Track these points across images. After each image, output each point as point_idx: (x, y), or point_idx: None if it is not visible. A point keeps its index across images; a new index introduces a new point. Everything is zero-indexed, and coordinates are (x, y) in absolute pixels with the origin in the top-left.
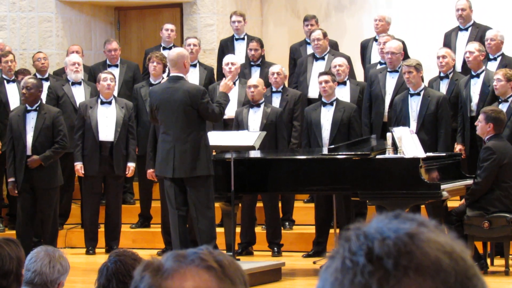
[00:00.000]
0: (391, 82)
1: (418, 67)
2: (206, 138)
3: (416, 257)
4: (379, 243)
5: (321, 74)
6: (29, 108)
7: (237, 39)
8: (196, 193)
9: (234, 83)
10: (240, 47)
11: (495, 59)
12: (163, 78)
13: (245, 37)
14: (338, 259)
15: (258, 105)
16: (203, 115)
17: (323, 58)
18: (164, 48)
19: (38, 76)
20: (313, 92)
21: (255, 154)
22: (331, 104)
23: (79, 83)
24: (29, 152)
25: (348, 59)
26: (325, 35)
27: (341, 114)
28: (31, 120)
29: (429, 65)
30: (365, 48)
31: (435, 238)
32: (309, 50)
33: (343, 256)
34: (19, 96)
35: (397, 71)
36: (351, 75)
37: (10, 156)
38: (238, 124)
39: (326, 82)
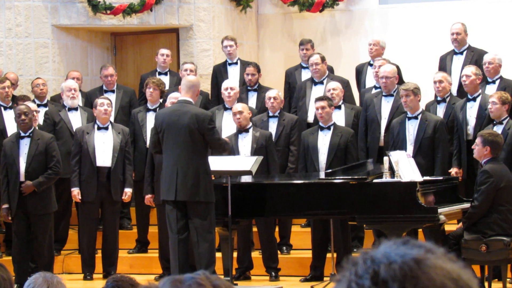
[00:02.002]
0: (386, 106)
1: (415, 91)
2: (208, 164)
3: (422, 282)
4: (385, 267)
5: (317, 99)
6: (22, 134)
7: (230, 64)
8: (198, 218)
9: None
10: (234, 72)
11: (493, 82)
12: (160, 103)
13: (238, 61)
14: (344, 282)
15: (247, 131)
16: (208, 140)
17: (321, 83)
18: (160, 73)
19: (37, 102)
20: (312, 116)
21: (247, 178)
22: (329, 128)
23: (76, 109)
24: (22, 178)
25: (347, 83)
26: (323, 59)
27: (338, 139)
28: (25, 146)
29: (425, 89)
30: (360, 73)
31: (442, 264)
32: (304, 74)
33: (349, 279)
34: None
35: (392, 95)
36: (350, 99)
37: (3, 182)
38: None
39: (323, 108)
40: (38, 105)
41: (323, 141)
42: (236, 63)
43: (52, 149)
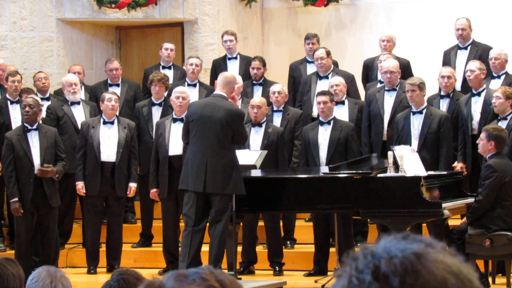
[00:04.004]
0: (389, 100)
1: (421, 86)
2: (236, 158)
3: (422, 276)
4: (386, 262)
5: (319, 94)
6: (29, 127)
7: (229, 59)
8: (219, 211)
9: None
10: (233, 67)
11: (498, 77)
12: (164, 97)
13: (238, 56)
14: (345, 277)
15: (260, 125)
16: (236, 137)
17: (326, 77)
18: (164, 67)
19: (39, 95)
20: (317, 111)
21: (255, 173)
22: (329, 123)
23: (78, 103)
24: (37, 171)
25: (352, 78)
26: (328, 53)
27: (338, 134)
28: (33, 139)
29: (428, 84)
30: (369, 67)
31: (442, 258)
32: (309, 68)
33: (350, 274)
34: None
35: (394, 90)
36: (354, 94)
37: (12, 176)
38: None
39: (325, 103)
40: (41, 99)
41: (324, 136)
42: (235, 58)
43: (59, 142)
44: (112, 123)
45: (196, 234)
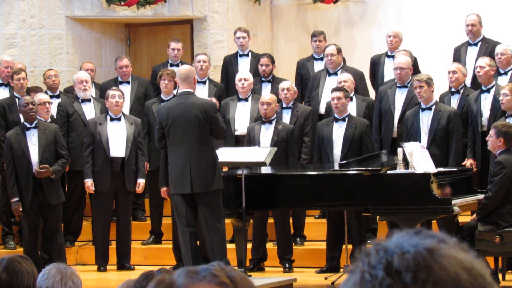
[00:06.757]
0: (400, 97)
1: (429, 82)
2: (215, 152)
3: (435, 272)
4: (398, 257)
5: (333, 90)
6: (28, 126)
7: (241, 56)
8: (207, 208)
9: (247, 99)
10: (244, 63)
11: (505, 73)
12: (174, 94)
13: (249, 53)
14: (357, 273)
15: (270, 122)
16: (213, 130)
17: (335, 74)
18: (172, 65)
19: (49, 93)
20: (324, 107)
21: (266, 170)
22: (343, 120)
23: (89, 100)
24: (35, 171)
25: (361, 75)
26: (339, 50)
27: (353, 130)
28: (32, 137)
29: (439, 80)
30: (376, 64)
31: (455, 254)
32: (316, 65)
33: (362, 269)
34: None
35: (406, 87)
36: (363, 91)
37: (12, 176)
38: (249, 140)
39: (339, 99)
40: (51, 97)
41: (338, 132)
42: (247, 55)
43: (60, 138)
44: (119, 119)
45: (192, 236)
